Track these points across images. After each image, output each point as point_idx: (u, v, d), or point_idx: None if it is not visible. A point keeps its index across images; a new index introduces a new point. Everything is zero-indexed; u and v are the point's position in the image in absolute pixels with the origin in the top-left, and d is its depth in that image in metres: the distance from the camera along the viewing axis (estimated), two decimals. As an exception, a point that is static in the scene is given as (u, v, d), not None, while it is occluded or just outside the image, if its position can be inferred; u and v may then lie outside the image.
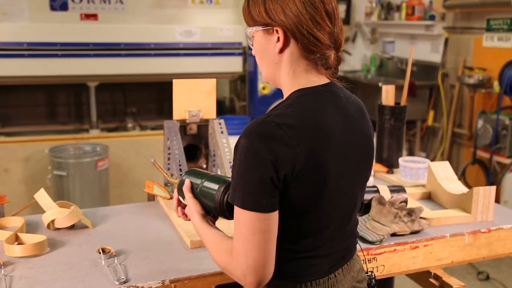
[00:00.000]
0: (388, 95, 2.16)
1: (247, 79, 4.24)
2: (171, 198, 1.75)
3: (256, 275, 0.94)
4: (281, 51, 1.02)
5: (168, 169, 1.82)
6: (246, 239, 0.93)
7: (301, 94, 1.01)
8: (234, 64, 3.92)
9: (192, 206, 1.12)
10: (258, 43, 1.05)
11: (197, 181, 1.14)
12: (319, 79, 1.03)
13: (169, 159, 1.82)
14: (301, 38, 0.99)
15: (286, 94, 1.05)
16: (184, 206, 1.18)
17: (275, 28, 1.01)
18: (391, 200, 1.57)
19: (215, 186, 1.09)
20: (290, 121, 0.94)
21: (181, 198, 1.17)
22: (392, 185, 1.73)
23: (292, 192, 0.94)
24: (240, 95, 4.53)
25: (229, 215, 1.07)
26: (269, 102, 4.11)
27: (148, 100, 4.31)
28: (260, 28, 1.03)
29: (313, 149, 0.94)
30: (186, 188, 1.15)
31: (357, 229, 1.17)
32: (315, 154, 0.94)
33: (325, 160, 0.96)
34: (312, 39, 0.99)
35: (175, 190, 1.19)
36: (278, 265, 0.98)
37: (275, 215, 0.94)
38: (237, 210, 0.94)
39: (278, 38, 1.01)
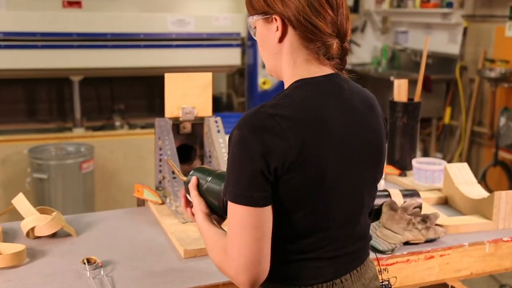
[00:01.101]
0: (400, 90, 2.16)
1: (246, 73, 4.24)
2: (163, 203, 1.75)
3: (248, 274, 0.97)
4: (281, 40, 1.05)
5: (160, 171, 1.83)
6: (238, 235, 0.97)
7: (300, 85, 1.04)
8: (231, 57, 3.92)
9: (197, 205, 1.16)
10: (259, 33, 1.09)
11: (204, 178, 1.18)
12: (320, 70, 1.06)
13: (160, 160, 1.82)
14: (299, 26, 1.03)
15: (286, 85, 1.08)
16: (192, 206, 1.21)
17: (273, 16, 1.05)
18: (404, 205, 1.58)
19: (220, 184, 1.12)
20: (284, 112, 0.98)
21: (189, 197, 1.21)
22: (405, 189, 1.73)
23: (283, 186, 0.97)
24: (238, 91, 4.53)
25: None
26: (270, 98, 4.11)
27: (138, 96, 4.32)
28: (260, 17, 1.07)
29: (308, 142, 0.97)
30: (192, 185, 1.19)
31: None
32: (310, 148, 0.97)
33: (321, 155, 0.98)
34: (310, 26, 1.02)
35: (183, 189, 1.24)
36: (275, 266, 1.00)
37: (268, 210, 0.97)
38: (229, 205, 0.98)
39: (277, 27, 1.05)
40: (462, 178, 1.85)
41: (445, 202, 1.87)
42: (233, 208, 0.97)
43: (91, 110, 4.15)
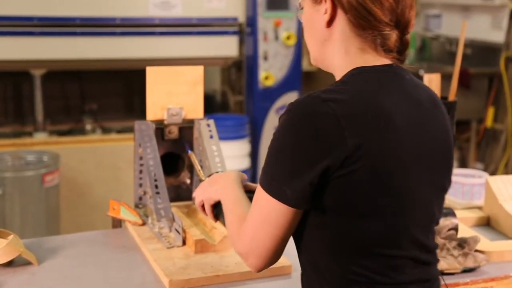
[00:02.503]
0: (432, 86, 2.16)
1: (244, 66, 4.25)
2: (144, 224, 1.76)
3: (256, 260, 1.10)
4: (329, 24, 1.12)
5: (140, 185, 1.83)
6: (257, 224, 1.08)
7: (358, 72, 1.10)
8: (227, 46, 3.93)
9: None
10: (306, 14, 1.16)
11: None
12: (378, 60, 1.11)
13: (141, 172, 1.83)
14: (350, 10, 1.08)
15: (338, 77, 1.13)
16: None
17: None
18: (437, 227, 1.58)
19: None
20: (340, 97, 1.04)
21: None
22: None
23: (337, 184, 1.02)
24: (235, 88, 4.53)
25: None
26: (274, 96, 4.12)
27: (113, 94, 4.32)
28: None
29: (367, 135, 1.02)
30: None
31: None
32: (370, 142, 1.02)
33: (385, 151, 1.03)
34: (364, 12, 1.07)
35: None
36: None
37: (298, 213, 1.06)
38: (258, 188, 1.08)
39: (326, 9, 1.10)
40: (508, 194, 1.85)
41: (486, 223, 1.88)
42: (260, 194, 1.07)
43: (56, 111, 4.15)
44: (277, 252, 1.10)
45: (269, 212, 1.06)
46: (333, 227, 1.06)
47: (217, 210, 1.41)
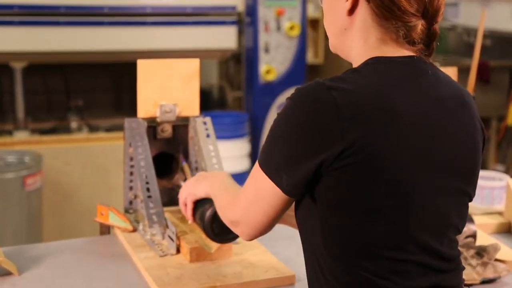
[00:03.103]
0: (448, 81, 2.17)
1: (243, 58, 4.26)
2: (134, 230, 1.76)
3: (248, 229, 1.21)
4: (350, 13, 1.15)
5: (131, 188, 1.84)
6: (250, 198, 1.17)
7: (373, 62, 1.13)
8: (225, 38, 3.94)
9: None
10: (327, 1, 1.20)
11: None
12: (398, 53, 1.14)
13: (131, 174, 1.83)
14: None
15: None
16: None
17: None
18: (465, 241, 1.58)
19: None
20: (344, 86, 1.06)
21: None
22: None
23: (333, 177, 1.06)
24: (233, 82, 4.54)
25: (212, 234, 1.54)
26: (276, 91, 4.13)
27: (101, 89, 4.32)
28: None
29: (370, 129, 1.04)
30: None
31: None
32: (372, 136, 1.04)
33: (387, 148, 1.05)
34: (387, 1, 1.09)
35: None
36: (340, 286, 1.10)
37: (290, 201, 1.14)
38: (256, 165, 1.15)
39: None
40: (531, 198, 1.85)
41: (507, 230, 1.88)
42: (258, 171, 1.13)
43: (38, 108, 4.15)
44: (269, 225, 1.19)
45: (263, 191, 1.13)
46: (332, 224, 1.09)
47: (197, 208, 1.53)
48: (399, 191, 1.07)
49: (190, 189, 1.55)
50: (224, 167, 1.80)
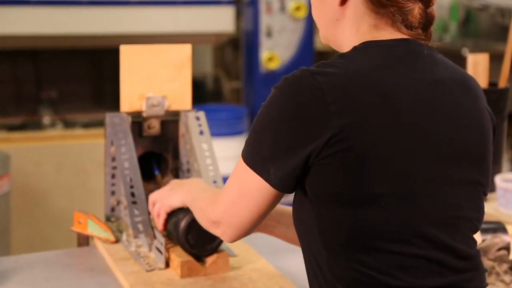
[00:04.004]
0: (478, 70, 2.17)
1: (242, 44, 4.25)
2: (117, 241, 1.77)
3: (230, 229, 1.28)
4: (343, 2, 1.22)
5: (113, 193, 1.84)
6: (234, 196, 1.24)
7: (363, 47, 1.19)
8: (220, 20, 3.94)
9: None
10: None
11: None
12: (392, 35, 1.21)
13: (113, 176, 1.84)
14: None
15: None
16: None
17: None
18: (483, 246, 1.59)
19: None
20: (330, 71, 1.14)
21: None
22: (485, 221, 1.73)
23: (323, 167, 1.12)
24: (230, 71, 4.53)
25: (187, 245, 1.58)
26: (279, 80, 4.12)
27: (77, 78, 4.32)
28: None
29: (359, 115, 1.11)
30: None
31: None
32: (360, 120, 1.11)
33: (375, 132, 1.11)
34: None
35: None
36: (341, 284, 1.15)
37: (279, 196, 1.20)
38: (239, 161, 1.21)
39: None
40: None
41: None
42: (242, 167, 1.20)
43: (6, 100, 4.14)
44: (254, 225, 1.26)
45: (248, 186, 1.20)
46: (328, 217, 1.15)
47: (171, 219, 1.60)
48: (397, 178, 1.13)
49: (164, 199, 1.61)
50: (220, 169, 1.81)
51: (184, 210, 1.57)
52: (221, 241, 1.61)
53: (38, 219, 3.68)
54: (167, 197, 1.60)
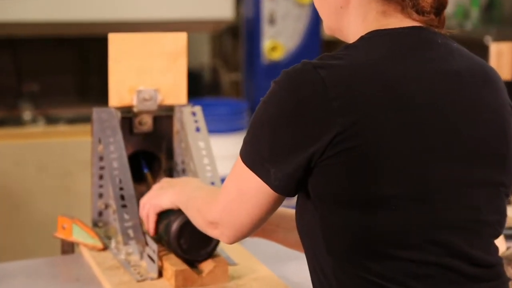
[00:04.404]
0: (501, 60, 2.17)
1: (242, 32, 4.26)
2: (105, 248, 1.76)
3: (229, 231, 1.29)
4: None
5: (100, 195, 1.84)
6: (232, 197, 1.25)
7: (370, 36, 1.20)
8: (218, 6, 3.95)
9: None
10: None
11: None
12: (402, 23, 1.21)
13: (101, 177, 1.83)
14: None
15: None
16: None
17: None
18: (508, 254, 1.58)
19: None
20: (334, 63, 1.13)
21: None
22: (509, 226, 1.72)
23: (328, 170, 1.12)
24: (229, 62, 4.55)
25: (180, 250, 1.59)
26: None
27: (61, 69, 4.33)
28: None
29: (364, 108, 1.10)
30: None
31: None
32: (367, 117, 1.10)
33: (383, 129, 1.11)
34: None
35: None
36: None
37: (280, 199, 1.21)
38: (238, 160, 1.22)
39: None
40: None
41: None
42: (240, 166, 1.20)
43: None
44: (254, 227, 1.27)
45: (247, 188, 1.21)
46: (332, 220, 1.15)
47: (161, 221, 1.61)
48: (408, 178, 1.12)
49: (153, 199, 1.63)
50: (219, 169, 1.80)
51: (175, 212, 1.56)
52: (216, 245, 1.61)
53: (18, 224, 3.69)
54: (156, 196, 1.62)
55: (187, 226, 1.52)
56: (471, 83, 1.19)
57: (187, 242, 1.57)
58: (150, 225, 1.63)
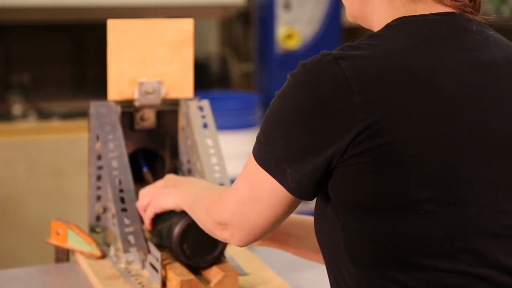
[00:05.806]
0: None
1: (254, 18, 4.25)
2: (103, 256, 1.77)
3: (239, 233, 1.30)
4: None
5: (98, 198, 1.85)
6: (243, 199, 1.26)
7: (396, 24, 1.20)
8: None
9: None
10: None
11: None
12: (433, 8, 1.21)
13: (99, 178, 1.84)
14: None
15: None
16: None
17: None
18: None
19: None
20: (357, 53, 1.14)
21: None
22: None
23: (349, 172, 1.13)
24: (240, 52, 4.54)
25: (183, 256, 1.60)
26: (299, 62, 4.12)
27: (54, 59, 4.33)
28: None
29: (390, 104, 1.11)
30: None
31: None
32: (393, 113, 1.10)
33: (412, 127, 1.11)
34: None
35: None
36: None
37: (296, 201, 1.22)
38: (250, 159, 1.23)
39: None
40: None
41: None
42: (253, 165, 1.22)
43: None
44: (268, 230, 1.28)
45: (260, 189, 1.23)
46: (355, 227, 1.16)
47: (161, 222, 1.63)
48: (439, 181, 1.12)
49: (155, 198, 1.65)
50: (228, 169, 1.81)
51: (178, 214, 1.58)
52: (223, 250, 1.62)
53: (7, 229, 3.69)
54: (158, 195, 1.63)
55: (191, 229, 1.53)
56: (508, 75, 1.19)
57: (191, 247, 1.58)
58: (146, 221, 1.66)
